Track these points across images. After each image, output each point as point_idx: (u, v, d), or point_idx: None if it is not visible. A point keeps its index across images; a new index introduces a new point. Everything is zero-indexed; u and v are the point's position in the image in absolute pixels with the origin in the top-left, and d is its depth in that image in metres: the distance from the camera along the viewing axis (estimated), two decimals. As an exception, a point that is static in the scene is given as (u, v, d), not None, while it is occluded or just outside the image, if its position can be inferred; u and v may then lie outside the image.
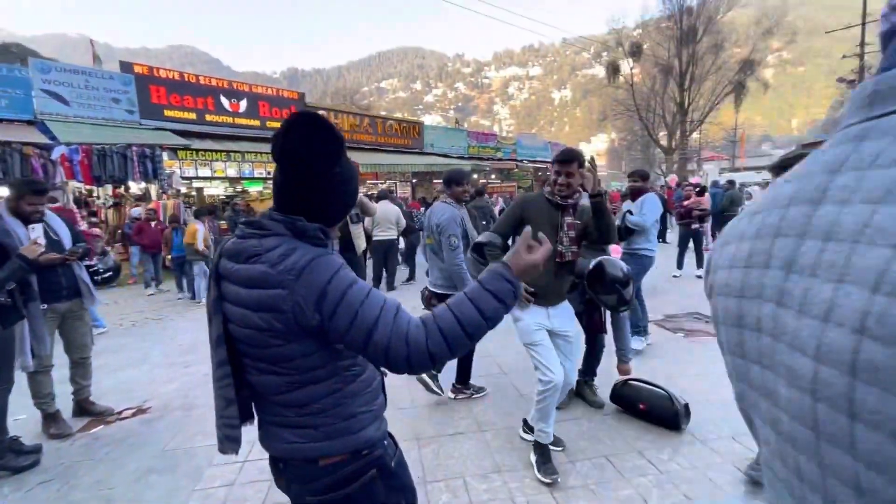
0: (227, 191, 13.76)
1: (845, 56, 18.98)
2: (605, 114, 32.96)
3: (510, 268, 0.97)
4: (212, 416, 1.09)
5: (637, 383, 2.91)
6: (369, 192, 11.88)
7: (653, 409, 2.75)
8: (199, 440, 2.79)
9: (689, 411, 2.71)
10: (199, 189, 12.28)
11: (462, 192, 3.15)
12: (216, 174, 11.75)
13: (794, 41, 33.46)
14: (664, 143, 28.23)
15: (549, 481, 2.22)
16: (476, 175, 16.60)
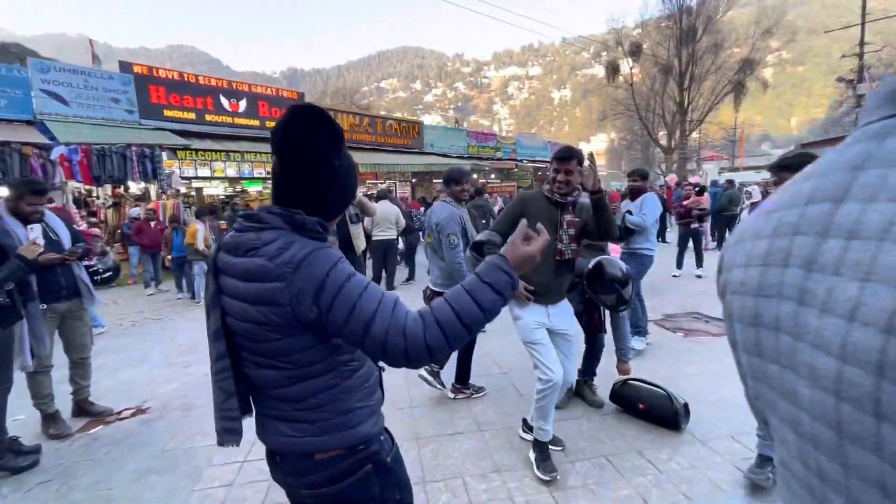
0: (226, 191, 13.74)
1: (844, 56, 18.95)
2: (605, 113, 32.92)
3: (507, 259, 0.97)
4: (211, 416, 1.08)
5: (636, 383, 2.91)
6: (369, 191, 11.89)
7: (652, 409, 2.75)
8: (198, 440, 2.79)
9: (688, 411, 2.71)
10: (199, 189, 12.27)
11: (461, 190, 3.17)
12: (216, 174, 11.75)
13: (793, 41, 33.53)
14: (664, 142, 28.24)
15: (547, 479, 2.22)
16: (476, 175, 16.60)
